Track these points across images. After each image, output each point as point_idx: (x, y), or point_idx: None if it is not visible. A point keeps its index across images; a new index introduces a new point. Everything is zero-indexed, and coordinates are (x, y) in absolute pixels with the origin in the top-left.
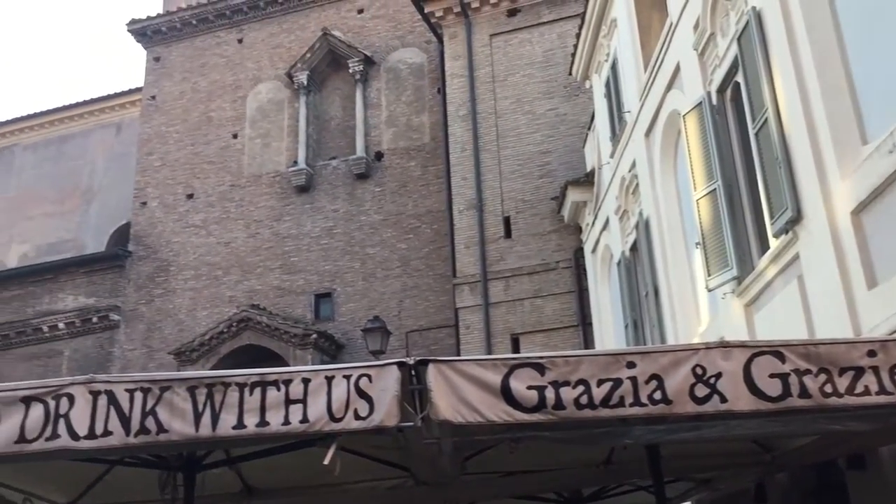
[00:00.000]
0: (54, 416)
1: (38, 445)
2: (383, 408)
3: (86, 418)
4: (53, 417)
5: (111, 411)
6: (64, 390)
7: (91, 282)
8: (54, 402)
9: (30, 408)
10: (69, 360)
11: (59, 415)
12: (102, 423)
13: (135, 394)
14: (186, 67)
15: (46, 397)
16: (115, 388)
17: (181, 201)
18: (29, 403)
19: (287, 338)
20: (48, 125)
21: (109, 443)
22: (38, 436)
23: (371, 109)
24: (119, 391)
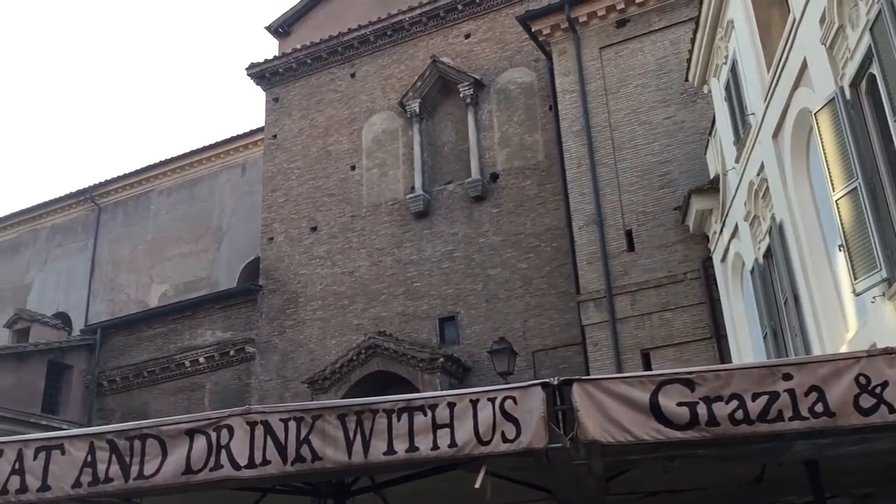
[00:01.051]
0: (216, 446)
1: (203, 476)
2: (530, 429)
3: (245, 448)
4: (216, 448)
5: (268, 441)
6: (223, 422)
7: (226, 317)
8: (215, 433)
9: (193, 440)
10: (210, 392)
11: (220, 445)
12: (261, 452)
13: (289, 423)
14: (304, 105)
15: (208, 429)
16: (271, 417)
17: (306, 234)
18: (192, 436)
19: (414, 363)
20: (179, 170)
21: (268, 471)
22: (202, 466)
23: (484, 132)
24: (274, 421)
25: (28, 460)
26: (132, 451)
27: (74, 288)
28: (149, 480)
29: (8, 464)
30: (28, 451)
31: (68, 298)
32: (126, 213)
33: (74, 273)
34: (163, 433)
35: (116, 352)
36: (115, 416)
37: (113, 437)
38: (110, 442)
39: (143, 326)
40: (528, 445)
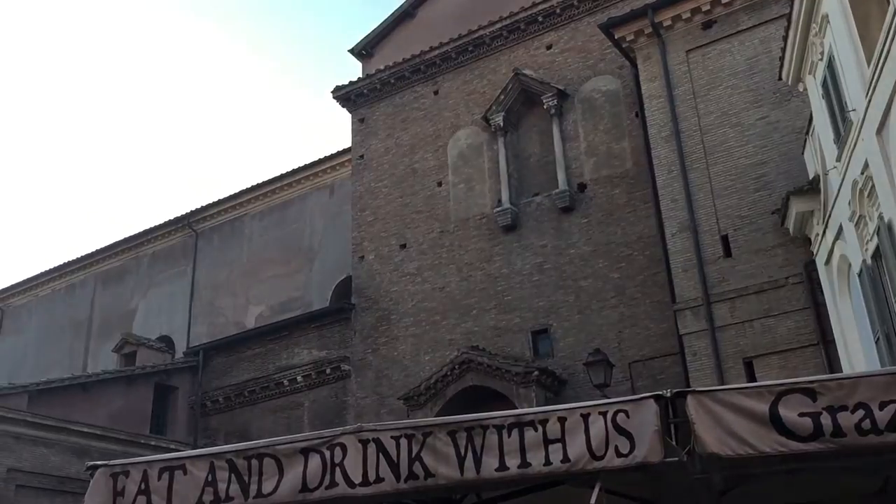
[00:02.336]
0: (331, 465)
1: (319, 494)
2: (645, 443)
3: (359, 466)
4: (330, 466)
5: (380, 458)
6: (336, 440)
7: (321, 335)
8: (329, 452)
9: (308, 458)
10: (309, 410)
11: (334, 464)
12: (374, 469)
13: (400, 440)
14: (389, 124)
15: (322, 448)
16: (382, 435)
17: (395, 252)
18: (307, 454)
19: (509, 377)
20: (270, 194)
21: (382, 489)
22: (318, 484)
23: (569, 142)
24: (386, 438)
25: (153, 481)
26: (250, 470)
27: (176, 312)
28: (268, 499)
29: (134, 484)
30: (152, 471)
31: (170, 322)
32: (222, 238)
33: (175, 297)
34: (278, 452)
35: (218, 372)
36: (220, 435)
37: (232, 457)
38: (229, 462)
39: (243, 347)
40: (643, 460)
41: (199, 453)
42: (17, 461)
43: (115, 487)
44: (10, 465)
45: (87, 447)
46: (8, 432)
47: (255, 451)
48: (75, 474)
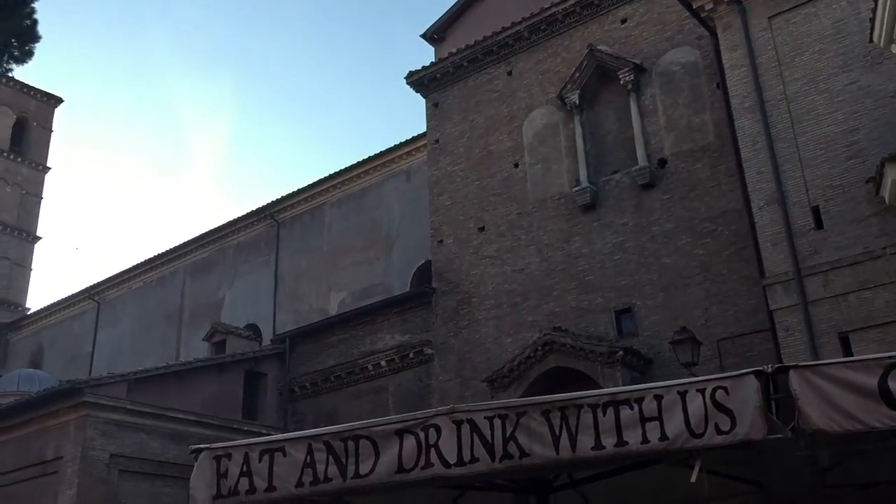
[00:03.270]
0: (425, 445)
1: (415, 474)
2: (747, 420)
3: (453, 446)
4: (425, 447)
5: (475, 439)
6: (430, 421)
7: (403, 320)
8: (423, 433)
9: (403, 440)
10: (394, 394)
11: (429, 444)
12: (469, 450)
13: (493, 420)
14: (463, 107)
15: (416, 429)
16: (475, 416)
17: (474, 235)
18: (402, 436)
19: (593, 357)
20: (347, 182)
21: (478, 469)
22: (414, 465)
23: (648, 117)
24: (479, 419)
25: (254, 462)
26: (347, 451)
27: (261, 300)
28: (365, 479)
29: (236, 466)
30: (253, 454)
31: (256, 310)
32: (303, 227)
33: (260, 286)
34: (374, 434)
35: (304, 359)
36: (308, 419)
37: (329, 439)
38: (326, 444)
39: (327, 333)
40: (745, 437)
41: (297, 436)
42: (119, 447)
43: (218, 469)
44: (113, 450)
45: (184, 433)
46: (110, 419)
47: (350, 433)
48: (173, 459)
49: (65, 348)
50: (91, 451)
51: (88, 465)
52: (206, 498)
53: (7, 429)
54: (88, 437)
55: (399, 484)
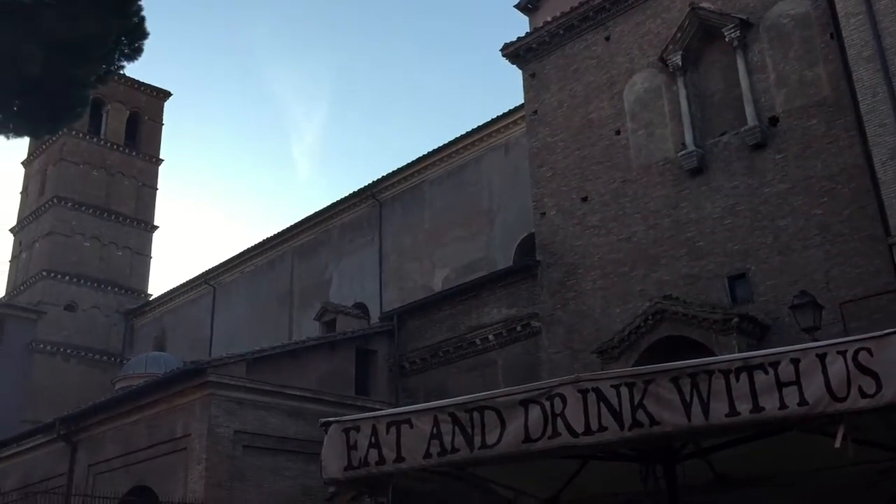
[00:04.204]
0: (551, 415)
1: (542, 444)
2: (893, 383)
3: (580, 415)
4: (551, 417)
5: (601, 407)
6: (555, 391)
7: (509, 294)
8: (549, 402)
9: (528, 409)
10: (503, 368)
11: (555, 414)
12: (596, 419)
13: (620, 389)
14: (560, 77)
15: (541, 399)
16: (601, 384)
17: (577, 205)
18: (527, 406)
19: (706, 325)
20: (447, 158)
21: (606, 437)
22: (541, 434)
23: (756, 74)
24: (605, 387)
25: (382, 434)
26: (472, 422)
27: (367, 279)
28: (492, 449)
29: (365, 438)
30: (381, 426)
31: (363, 289)
32: (404, 206)
33: (365, 266)
34: (498, 404)
35: (413, 335)
36: (419, 394)
37: (454, 411)
38: (452, 415)
39: (433, 309)
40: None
41: (422, 408)
42: (241, 424)
43: (347, 441)
44: (236, 427)
45: (301, 409)
46: (231, 398)
47: (475, 404)
48: (292, 434)
49: (185, 332)
50: (216, 429)
51: (215, 441)
52: (338, 469)
53: (139, 408)
54: (213, 414)
55: (526, 454)
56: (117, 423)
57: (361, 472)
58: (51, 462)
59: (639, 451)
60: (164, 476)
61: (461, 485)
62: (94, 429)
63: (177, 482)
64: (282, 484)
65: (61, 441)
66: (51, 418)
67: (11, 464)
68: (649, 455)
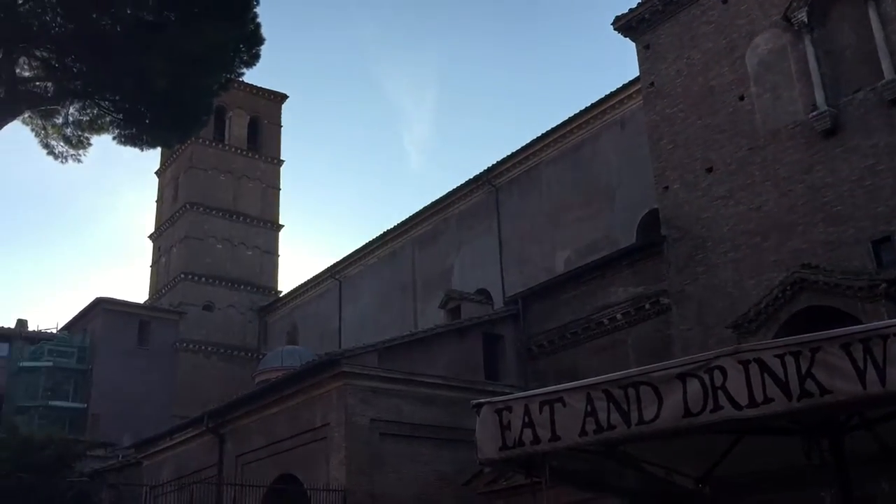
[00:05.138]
0: (711, 388)
1: (704, 418)
2: None
3: (743, 387)
4: (711, 390)
5: (765, 378)
6: (714, 363)
7: (634, 272)
8: (707, 375)
9: (686, 383)
10: (633, 347)
11: (715, 387)
12: (760, 390)
13: (785, 358)
14: (676, 45)
15: (699, 372)
16: (763, 354)
17: (702, 177)
18: (684, 379)
19: (850, 293)
20: (561, 139)
21: (773, 409)
22: (702, 409)
23: (891, 25)
24: (768, 357)
25: (535, 414)
26: (628, 398)
27: (488, 265)
28: (650, 425)
29: (518, 418)
30: (533, 405)
31: (485, 275)
32: (521, 190)
33: (485, 251)
34: (654, 379)
35: (539, 318)
36: (549, 377)
37: (607, 387)
38: (606, 392)
39: (558, 292)
40: None
41: (574, 386)
42: (377, 412)
43: (500, 422)
44: (372, 415)
45: (433, 396)
46: (366, 387)
47: (629, 380)
48: (425, 421)
49: (315, 325)
50: (353, 417)
51: (352, 430)
52: (493, 449)
53: (279, 400)
54: (349, 403)
55: (686, 429)
56: (260, 415)
57: (517, 452)
58: (202, 453)
59: (801, 423)
60: (307, 464)
61: (612, 464)
62: (239, 421)
63: (319, 470)
64: (419, 470)
65: (210, 434)
66: (196, 412)
67: (166, 456)
68: (813, 428)
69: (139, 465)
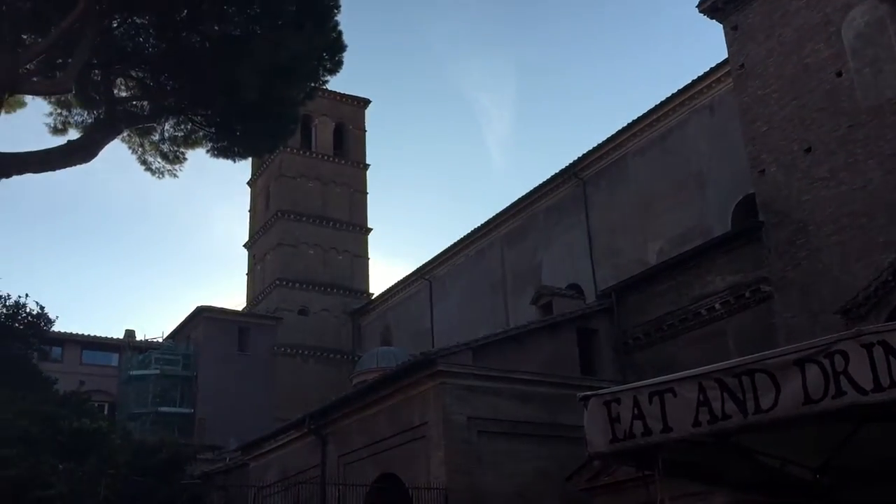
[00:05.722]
0: (832, 373)
1: (825, 404)
2: None
3: (867, 371)
4: (833, 375)
5: (892, 361)
6: (834, 347)
7: (731, 260)
8: (827, 360)
9: (805, 369)
10: (733, 337)
11: (836, 372)
12: (886, 374)
13: None
14: (766, 24)
15: (818, 357)
16: (889, 337)
17: (799, 158)
18: (803, 365)
19: None
20: (647, 128)
21: None
22: (823, 395)
23: None
24: (894, 340)
25: (644, 405)
26: (742, 386)
27: (578, 259)
28: (768, 414)
29: (627, 410)
30: (642, 396)
31: (575, 269)
32: (608, 182)
33: (575, 246)
34: (769, 366)
35: (633, 311)
36: (647, 371)
37: (720, 376)
38: (718, 380)
39: (652, 283)
40: None
41: (683, 376)
42: (473, 410)
43: (609, 414)
44: (469, 413)
45: (529, 392)
46: (462, 385)
47: (743, 367)
48: (523, 418)
49: (407, 325)
50: (451, 416)
51: (450, 428)
52: (603, 442)
53: (377, 401)
54: (446, 402)
55: (807, 416)
56: (359, 416)
57: (627, 445)
58: (305, 454)
59: None
60: (407, 463)
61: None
62: (339, 422)
63: (419, 468)
64: (518, 466)
65: (312, 435)
66: (297, 415)
67: (271, 458)
68: None
69: (245, 466)
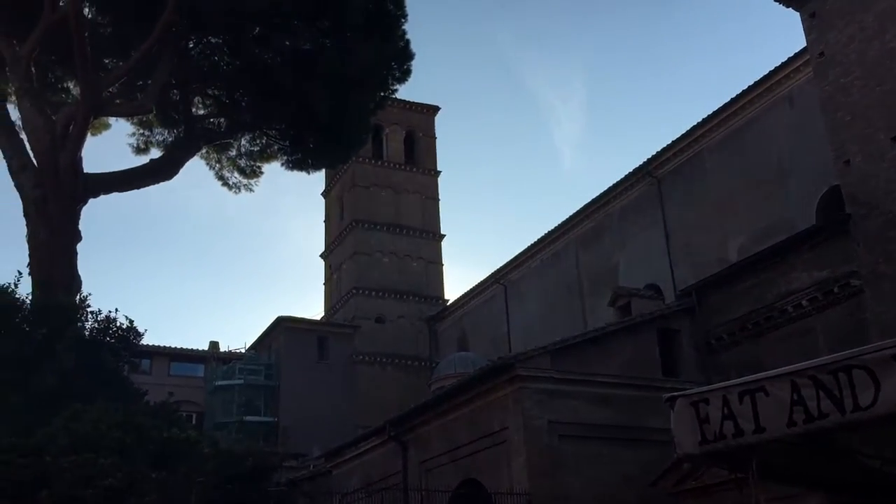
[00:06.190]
0: None
1: None
2: None
3: None
4: None
5: None
6: None
7: (817, 255)
8: None
9: None
10: (823, 334)
11: None
12: None
13: None
14: (846, 10)
15: None
16: None
17: (887, 147)
18: None
19: None
20: (723, 123)
21: None
22: None
23: None
24: None
25: (734, 405)
26: (839, 383)
27: (655, 259)
28: (867, 412)
29: (717, 410)
30: (731, 396)
31: (652, 270)
32: (684, 179)
33: (651, 245)
34: (867, 362)
35: (715, 310)
36: (731, 371)
37: (814, 373)
38: (813, 378)
39: (734, 281)
40: None
41: (775, 374)
42: (553, 414)
43: (698, 415)
44: (550, 418)
45: (609, 395)
46: (541, 389)
47: (839, 364)
48: (604, 421)
49: (484, 330)
50: (531, 420)
51: (531, 433)
52: (692, 444)
53: (456, 407)
54: (526, 407)
55: None
56: (439, 422)
57: (718, 446)
58: (386, 461)
59: None
60: (488, 469)
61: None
62: (419, 428)
63: (501, 474)
64: (601, 470)
65: (393, 442)
66: (377, 422)
67: (353, 465)
68: None
69: (329, 473)
